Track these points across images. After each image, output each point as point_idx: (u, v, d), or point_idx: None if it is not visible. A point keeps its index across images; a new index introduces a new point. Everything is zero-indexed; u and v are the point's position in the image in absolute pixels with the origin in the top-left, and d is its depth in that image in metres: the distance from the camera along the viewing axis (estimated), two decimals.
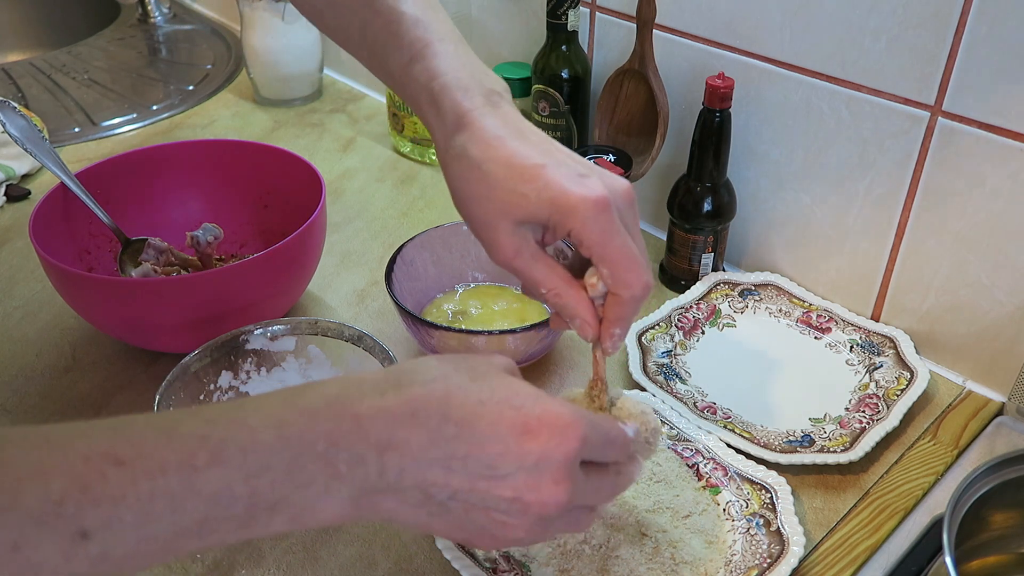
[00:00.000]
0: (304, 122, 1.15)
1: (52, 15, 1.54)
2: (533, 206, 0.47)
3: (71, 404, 0.72)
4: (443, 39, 0.53)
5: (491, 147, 0.48)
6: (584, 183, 0.46)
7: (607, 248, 0.47)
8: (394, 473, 0.39)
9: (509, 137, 0.48)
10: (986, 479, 0.55)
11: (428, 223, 0.86)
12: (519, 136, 0.49)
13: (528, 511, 0.41)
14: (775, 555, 0.57)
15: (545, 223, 0.48)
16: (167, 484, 0.35)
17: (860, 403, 0.69)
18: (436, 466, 0.39)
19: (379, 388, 0.40)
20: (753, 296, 0.80)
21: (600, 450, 0.43)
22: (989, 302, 0.69)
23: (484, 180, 0.48)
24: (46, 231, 0.73)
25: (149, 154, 0.83)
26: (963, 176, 0.67)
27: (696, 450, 0.65)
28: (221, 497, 0.36)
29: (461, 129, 0.49)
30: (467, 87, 0.50)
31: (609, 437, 0.44)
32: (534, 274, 0.49)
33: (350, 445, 0.38)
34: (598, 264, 0.47)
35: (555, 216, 0.47)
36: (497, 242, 0.48)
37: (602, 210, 0.46)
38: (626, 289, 0.47)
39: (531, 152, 0.48)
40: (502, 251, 0.49)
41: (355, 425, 0.39)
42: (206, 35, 1.39)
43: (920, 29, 0.65)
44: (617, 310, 0.49)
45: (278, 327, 0.67)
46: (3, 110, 0.79)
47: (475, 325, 0.76)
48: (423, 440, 0.39)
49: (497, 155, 0.48)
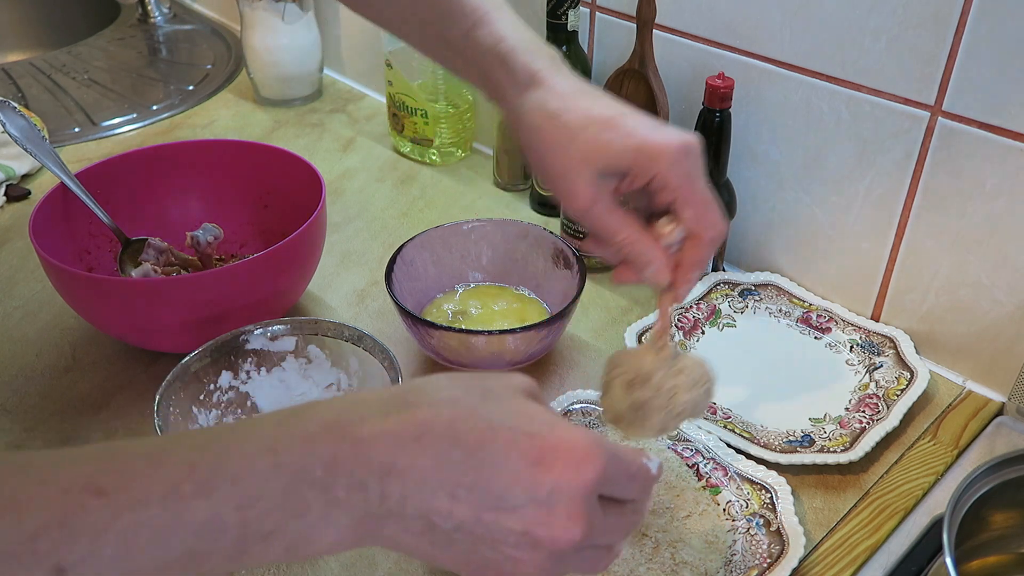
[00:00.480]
0: (304, 122, 1.15)
1: (52, 15, 1.54)
2: (616, 153, 0.49)
3: (71, 404, 0.72)
4: (498, 7, 0.55)
5: (568, 100, 0.51)
6: (663, 131, 0.49)
7: (692, 190, 0.49)
8: (396, 499, 0.36)
9: (583, 93, 0.52)
10: (986, 479, 0.55)
11: (428, 223, 0.86)
12: (590, 94, 0.52)
13: (539, 547, 0.37)
14: (775, 555, 0.57)
15: (626, 170, 0.50)
16: (151, 516, 0.33)
17: (860, 403, 0.69)
18: (441, 493, 0.37)
19: (383, 409, 0.38)
20: (753, 296, 0.80)
21: (620, 485, 0.40)
22: (989, 302, 0.69)
23: (565, 130, 0.50)
24: (46, 231, 0.73)
25: (149, 154, 0.83)
26: (963, 176, 0.67)
27: (696, 450, 0.65)
28: (209, 529, 0.34)
29: (535, 85, 0.52)
30: (532, 50, 0.53)
31: (630, 472, 0.40)
32: (610, 222, 0.51)
33: (350, 470, 0.36)
34: (682, 207, 0.50)
35: (639, 161, 0.49)
36: (576, 191, 0.50)
37: (686, 154, 0.49)
38: (709, 229, 0.50)
39: (607, 105, 0.51)
40: (580, 199, 0.50)
41: (355, 449, 0.36)
42: (206, 35, 1.39)
43: (920, 29, 0.65)
44: (696, 252, 0.51)
45: (278, 327, 0.67)
46: (3, 110, 0.79)
47: (475, 325, 0.76)
48: (428, 465, 0.36)
49: (576, 107, 0.51)
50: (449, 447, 0.37)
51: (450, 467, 0.37)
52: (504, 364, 0.71)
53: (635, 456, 0.41)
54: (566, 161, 0.50)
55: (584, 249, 0.56)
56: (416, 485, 0.36)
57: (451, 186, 1.01)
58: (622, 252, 0.51)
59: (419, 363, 0.76)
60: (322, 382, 0.68)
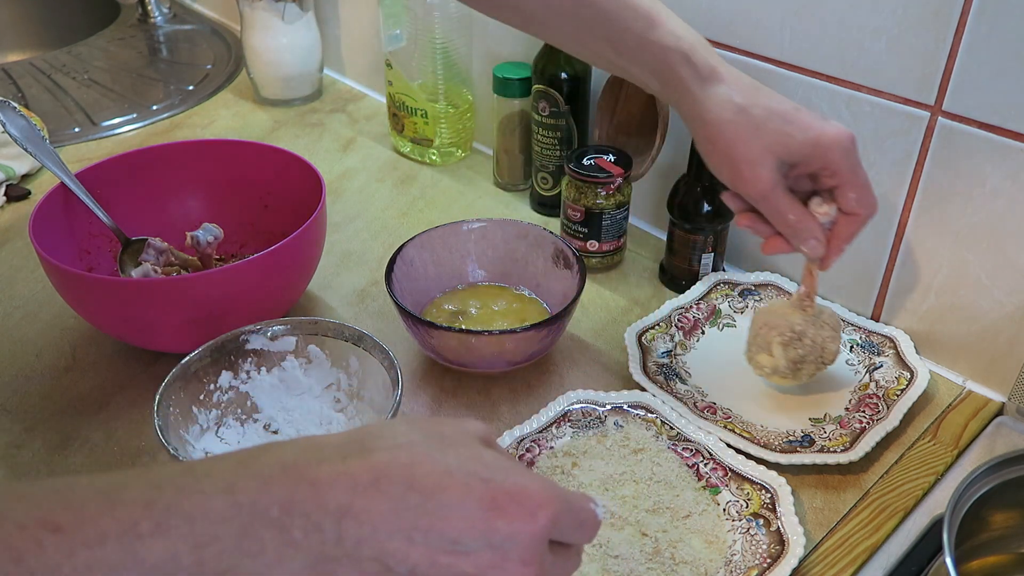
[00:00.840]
0: (304, 122, 1.15)
1: (52, 15, 1.54)
2: (797, 144, 0.58)
3: (71, 404, 0.72)
4: (660, 8, 0.61)
5: (751, 94, 0.59)
6: (832, 125, 0.58)
7: (857, 175, 0.58)
8: (352, 542, 0.36)
9: (757, 87, 0.59)
10: (986, 479, 0.55)
11: (428, 223, 0.86)
12: (763, 88, 0.60)
13: None
14: (775, 555, 0.57)
15: (801, 159, 0.58)
16: (106, 554, 0.33)
17: (860, 403, 0.69)
18: (397, 537, 0.37)
19: (341, 452, 0.38)
20: (753, 296, 0.80)
21: (570, 531, 0.41)
22: (989, 302, 0.69)
23: (751, 122, 0.58)
24: (46, 231, 0.73)
25: (149, 154, 0.83)
26: (963, 176, 0.67)
27: (696, 450, 0.65)
28: (164, 567, 0.34)
29: (718, 81, 0.59)
30: (706, 46, 0.60)
31: (580, 519, 0.41)
32: (783, 204, 0.59)
33: (306, 511, 0.36)
34: (846, 190, 0.59)
35: (816, 152, 0.58)
36: (759, 177, 0.58)
37: (853, 144, 0.58)
38: (867, 208, 0.59)
39: (781, 100, 0.59)
40: (762, 184, 0.59)
41: (312, 491, 0.36)
42: (206, 35, 1.39)
43: (920, 29, 0.65)
44: (850, 229, 0.60)
45: (278, 327, 0.67)
46: (3, 110, 0.79)
47: (475, 325, 0.76)
48: (384, 509, 0.37)
49: (759, 101, 0.58)
50: (405, 491, 0.37)
51: (406, 511, 0.37)
52: (504, 364, 0.71)
53: (584, 503, 0.42)
54: (753, 151, 0.58)
55: (740, 225, 0.64)
56: (372, 528, 0.37)
57: (451, 186, 1.01)
58: (786, 228, 0.60)
59: (419, 363, 0.76)
60: (322, 382, 0.68)
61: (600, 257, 0.86)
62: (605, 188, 0.81)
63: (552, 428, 0.67)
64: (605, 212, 0.82)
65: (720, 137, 0.59)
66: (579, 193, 0.82)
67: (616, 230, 0.84)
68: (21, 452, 0.67)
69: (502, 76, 0.92)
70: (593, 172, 0.81)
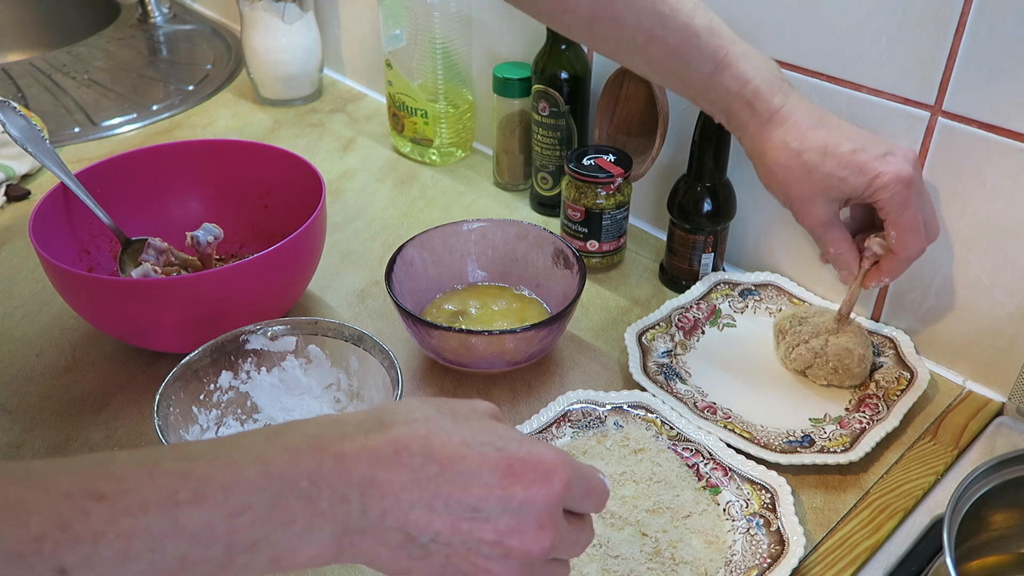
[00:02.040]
0: (304, 122, 1.15)
1: (52, 15, 1.54)
2: (850, 187, 0.61)
3: (71, 404, 0.72)
4: (734, 42, 0.63)
5: (807, 138, 0.62)
6: (889, 162, 0.60)
7: (901, 217, 0.61)
8: (376, 512, 0.38)
9: (817, 127, 0.62)
10: (986, 479, 0.55)
11: (428, 223, 0.86)
12: (822, 124, 0.62)
13: (511, 555, 0.40)
14: (775, 555, 0.57)
15: (854, 197, 0.62)
16: (148, 522, 0.34)
17: (860, 403, 0.69)
18: (418, 506, 0.39)
19: (362, 428, 0.40)
20: (753, 296, 0.80)
21: (581, 499, 0.42)
22: (989, 302, 0.69)
23: (804, 166, 0.62)
24: (46, 231, 0.73)
25: (149, 154, 0.83)
26: (963, 176, 0.67)
27: (696, 450, 0.65)
28: (202, 536, 0.35)
29: (777, 124, 0.62)
30: (772, 85, 0.62)
31: (590, 486, 0.43)
32: (828, 238, 0.65)
33: (333, 483, 0.38)
34: (889, 228, 0.62)
35: (868, 191, 0.61)
36: (812, 213, 0.63)
37: (906, 185, 0.60)
38: (904, 251, 0.62)
39: (840, 139, 0.61)
40: (814, 219, 0.64)
41: (338, 463, 0.38)
42: (206, 35, 1.39)
43: (920, 29, 0.65)
44: (892, 265, 0.64)
45: (278, 327, 0.67)
46: (3, 110, 0.79)
47: (475, 325, 0.76)
48: (406, 480, 0.38)
49: (813, 145, 0.61)
50: (424, 462, 0.39)
51: (427, 481, 0.39)
52: (504, 364, 0.71)
53: (593, 472, 0.43)
54: (805, 191, 0.63)
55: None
56: (395, 499, 0.38)
57: (451, 186, 1.01)
58: (826, 257, 0.66)
59: (419, 363, 0.76)
60: (322, 382, 0.68)
61: (600, 257, 0.86)
62: (605, 188, 0.81)
63: (552, 428, 0.67)
64: (605, 212, 0.82)
65: (775, 177, 0.64)
66: (579, 193, 0.82)
67: (616, 230, 0.84)
68: (21, 452, 0.67)
69: (502, 76, 0.92)
70: (593, 172, 0.81)
